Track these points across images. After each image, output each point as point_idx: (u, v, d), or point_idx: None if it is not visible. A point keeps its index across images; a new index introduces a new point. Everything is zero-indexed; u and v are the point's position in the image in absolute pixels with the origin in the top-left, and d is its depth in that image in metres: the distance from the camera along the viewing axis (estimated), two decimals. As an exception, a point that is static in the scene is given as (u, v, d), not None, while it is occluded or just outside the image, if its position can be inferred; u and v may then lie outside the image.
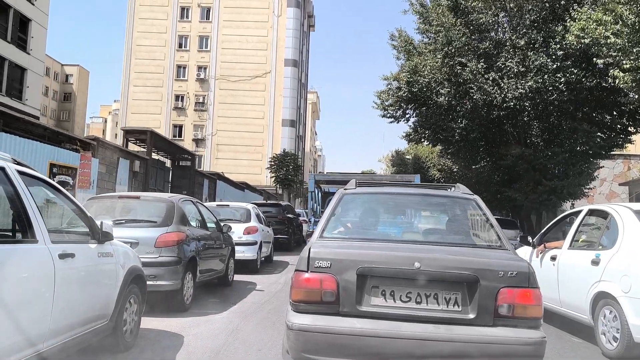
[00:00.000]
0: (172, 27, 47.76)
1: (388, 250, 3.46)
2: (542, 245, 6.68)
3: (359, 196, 4.36)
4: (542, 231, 7.21)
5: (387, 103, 22.76)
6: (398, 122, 23.52)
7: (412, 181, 23.85)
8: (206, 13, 48.01)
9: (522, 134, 20.45)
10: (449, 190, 4.61)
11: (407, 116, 23.33)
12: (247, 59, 46.48)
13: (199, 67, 47.39)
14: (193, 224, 7.51)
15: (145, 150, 18.20)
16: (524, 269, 3.25)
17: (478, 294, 3.15)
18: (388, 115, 22.97)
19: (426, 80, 20.24)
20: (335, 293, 3.21)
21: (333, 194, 7.62)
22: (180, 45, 47.87)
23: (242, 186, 31.22)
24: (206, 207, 8.87)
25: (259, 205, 14.78)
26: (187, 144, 42.72)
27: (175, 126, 47.42)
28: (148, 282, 5.11)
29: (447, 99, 19.67)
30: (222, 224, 8.87)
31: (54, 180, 7.10)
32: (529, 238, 7.03)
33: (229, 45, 46.86)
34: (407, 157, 47.18)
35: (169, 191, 18.73)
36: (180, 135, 46.35)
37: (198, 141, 46.56)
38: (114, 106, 74.08)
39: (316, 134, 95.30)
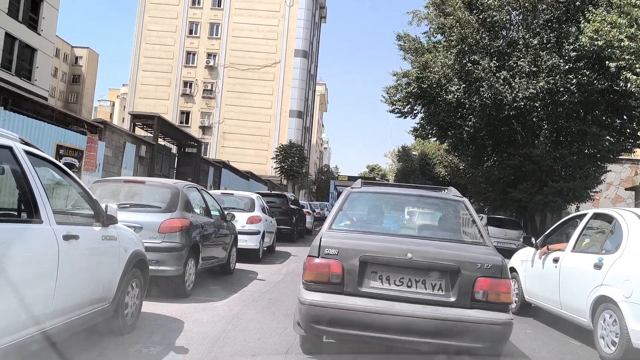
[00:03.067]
0: (183, 13, 47.64)
1: (386, 242, 4.02)
2: (545, 246, 6.68)
3: (364, 194, 4.98)
4: (546, 233, 7.20)
5: (395, 98, 22.69)
6: (405, 118, 23.49)
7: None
8: (218, 0, 47.83)
9: (531, 135, 20.34)
10: (442, 192, 5.26)
11: (415, 112, 23.26)
12: (257, 47, 46.32)
13: (209, 55, 47.29)
14: (197, 211, 7.52)
15: (151, 135, 18.24)
16: (497, 263, 3.82)
17: (459, 282, 3.74)
18: (396, 110, 22.93)
19: (436, 76, 20.13)
20: (340, 276, 3.80)
21: None
22: (190, 32, 47.77)
23: (247, 175, 31.28)
24: (210, 195, 8.87)
25: (263, 195, 14.78)
26: (193, 130, 42.76)
27: (182, 112, 47.45)
28: (150, 267, 5.12)
29: (456, 96, 19.56)
30: (225, 212, 8.88)
31: (60, 162, 7.13)
32: (532, 239, 7.03)
33: (240, 34, 46.70)
34: (414, 153, 47.13)
35: (174, 177, 18.78)
36: (187, 122, 46.39)
37: (205, 128, 46.58)
38: (122, 90, 74.09)
39: (323, 126, 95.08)
